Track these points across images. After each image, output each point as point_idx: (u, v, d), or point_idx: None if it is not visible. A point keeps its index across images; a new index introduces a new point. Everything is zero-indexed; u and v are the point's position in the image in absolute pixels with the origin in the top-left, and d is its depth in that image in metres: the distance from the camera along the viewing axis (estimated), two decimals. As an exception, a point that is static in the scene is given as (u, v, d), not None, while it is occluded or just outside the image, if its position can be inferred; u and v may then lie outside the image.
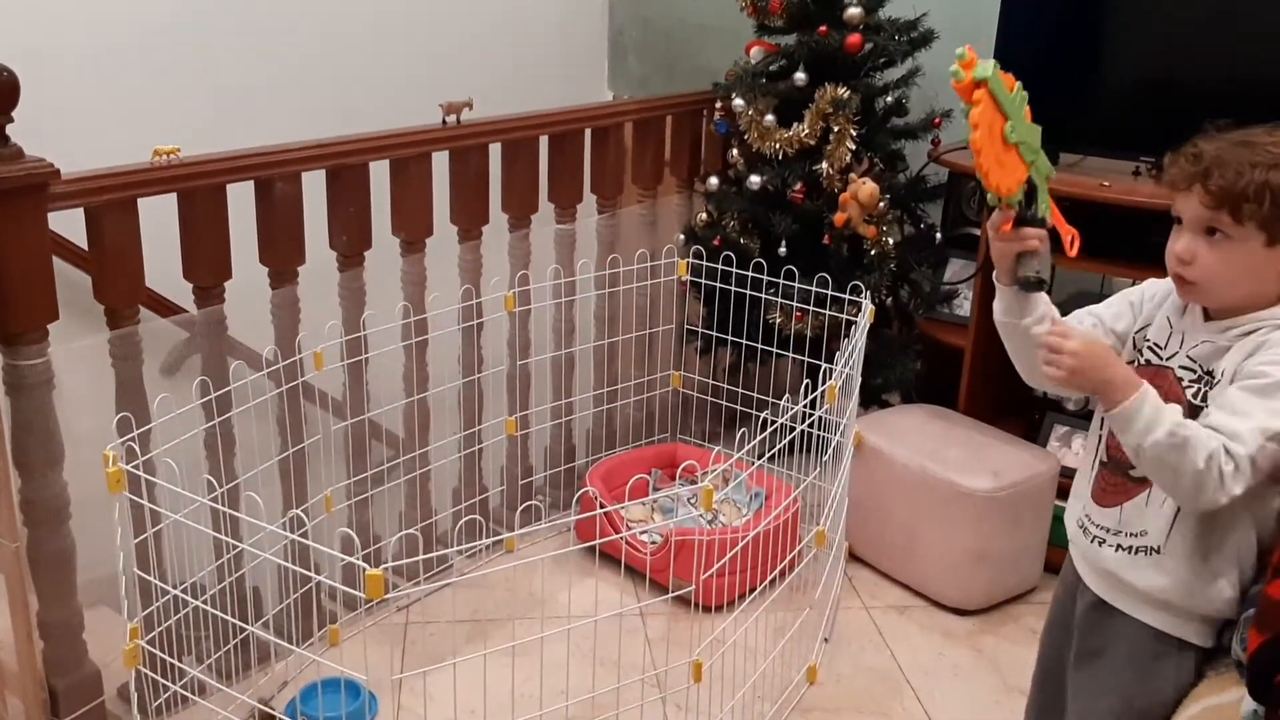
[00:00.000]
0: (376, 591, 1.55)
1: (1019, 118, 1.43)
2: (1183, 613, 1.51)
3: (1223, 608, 1.49)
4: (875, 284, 2.88)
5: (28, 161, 1.89)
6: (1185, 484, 1.38)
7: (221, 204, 2.20)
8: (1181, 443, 1.36)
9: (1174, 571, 1.49)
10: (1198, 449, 1.35)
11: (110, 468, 1.74)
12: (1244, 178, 1.37)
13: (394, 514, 2.74)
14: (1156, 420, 1.37)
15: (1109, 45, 2.76)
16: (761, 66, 3.01)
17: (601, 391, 3.12)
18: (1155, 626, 1.53)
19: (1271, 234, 1.39)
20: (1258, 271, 1.41)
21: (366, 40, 3.37)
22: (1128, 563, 1.53)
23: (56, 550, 2.09)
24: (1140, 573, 1.52)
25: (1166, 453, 1.37)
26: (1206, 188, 1.40)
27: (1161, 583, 1.50)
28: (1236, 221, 1.39)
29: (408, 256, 2.60)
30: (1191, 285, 1.45)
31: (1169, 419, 1.38)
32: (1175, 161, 1.45)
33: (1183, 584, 1.49)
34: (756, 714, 2.25)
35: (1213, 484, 1.36)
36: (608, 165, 3.02)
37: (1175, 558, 1.48)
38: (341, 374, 2.49)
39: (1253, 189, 1.37)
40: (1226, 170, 1.39)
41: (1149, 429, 1.37)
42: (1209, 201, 1.40)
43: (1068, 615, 1.67)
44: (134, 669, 1.87)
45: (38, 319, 1.96)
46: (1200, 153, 1.42)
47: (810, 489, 2.38)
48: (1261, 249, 1.40)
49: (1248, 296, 1.44)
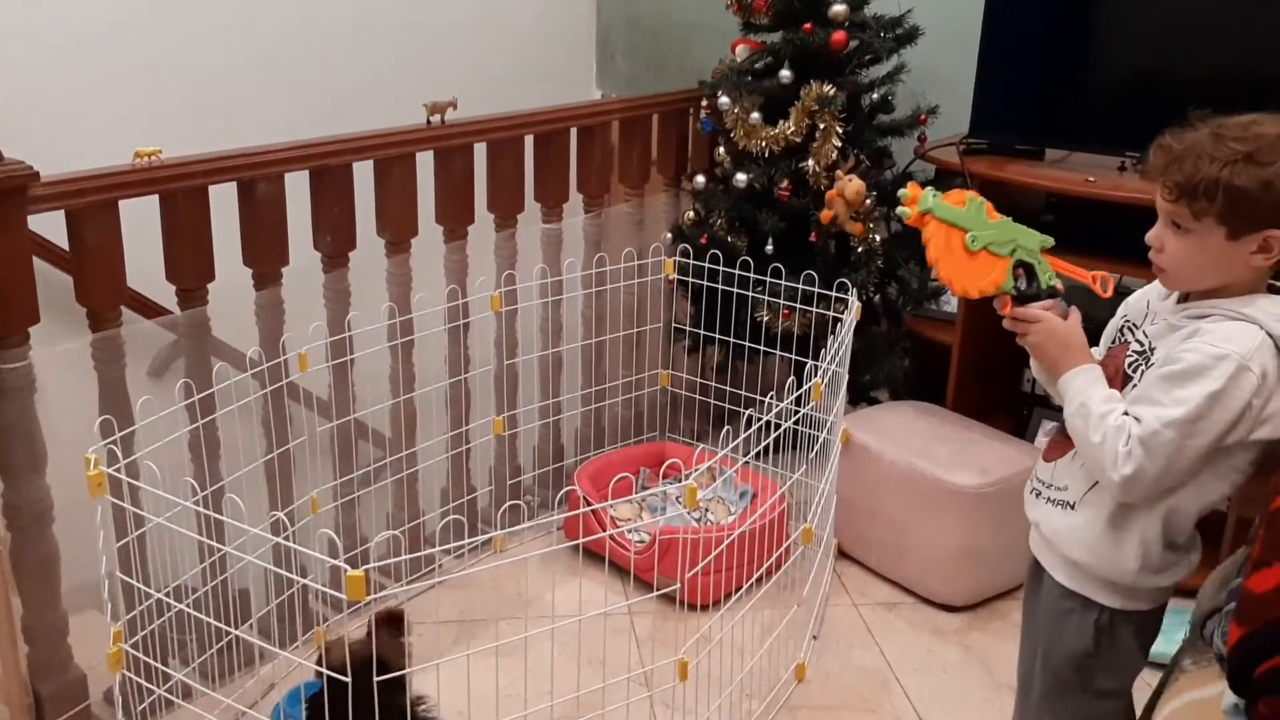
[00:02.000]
0: (358, 593, 1.54)
1: (978, 224, 1.57)
2: (1087, 571, 1.57)
3: (1124, 576, 1.54)
4: (862, 281, 2.88)
5: (7, 164, 1.88)
6: (1090, 455, 1.47)
7: (204, 205, 2.20)
8: (1085, 414, 1.46)
9: (1082, 529, 1.56)
10: (1097, 425, 1.45)
11: (92, 470, 1.73)
12: (1199, 174, 1.38)
13: (381, 515, 2.73)
14: (1077, 394, 1.48)
15: (1093, 40, 2.76)
16: (747, 64, 3.01)
17: (589, 391, 3.12)
18: (1063, 583, 1.60)
19: (1231, 228, 1.40)
20: (1223, 263, 1.43)
21: (350, 40, 3.36)
22: (1052, 515, 1.61)
23: (40, 555, 2.08)
24: (1056, 525, 1.60)
25: (1076, 423, 1.48)
26: (1165, 182, 1.42)
27: (1069, 538, 1.57)
28: (1194, 216, 1.41)
29: (393, 257, 2.60)
30: (1163, 272, 1.49)
31: (1085, 393, 1.47)
32: (1150, 152, 1.46)
33: (1088, 544, 1.55)
34: (745, 712, 2.25)
35: (1108, 460, 1.43)
36: (594, 164, 3.02)
37: (1086, 516, 1.55)
38: (327, 375, 2.48)
39: (1204, 186, 1.38)
40: (1185, 165, 1.40)
41: (1071, 398, 1.49)
42: (1167, 196, 1.42)
43: None
44: (118, 673, 1.86)
45: (19, 322, 1.96)
46: (1169, 145, 1.43)
47: (798, 486, 2.38)
48: (1224, 242, 1.41)
49: (1217, 284, 1.45)
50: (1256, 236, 1.39)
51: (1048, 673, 1.65)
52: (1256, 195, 1.36)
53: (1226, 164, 1.36)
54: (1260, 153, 1.36)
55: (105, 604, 1.83)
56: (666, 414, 3.22)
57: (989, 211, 1.60)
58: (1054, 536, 1.60)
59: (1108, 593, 1.56)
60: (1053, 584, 1.62)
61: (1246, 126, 1.39)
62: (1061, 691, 1.64)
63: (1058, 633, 1.62)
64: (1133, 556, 1.52)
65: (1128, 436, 1.41)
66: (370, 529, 2.68)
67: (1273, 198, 1.36)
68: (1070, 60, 2.78)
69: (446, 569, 2.76)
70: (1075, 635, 1.59)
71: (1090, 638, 1.58)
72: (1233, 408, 1.39)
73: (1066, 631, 1.60)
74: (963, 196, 1.59)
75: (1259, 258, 1.40)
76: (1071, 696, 1.63)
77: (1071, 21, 2.74)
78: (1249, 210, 1.37)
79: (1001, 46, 2.79)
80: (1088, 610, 1.58)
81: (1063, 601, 1.60)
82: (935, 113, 2.97)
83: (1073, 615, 1.59)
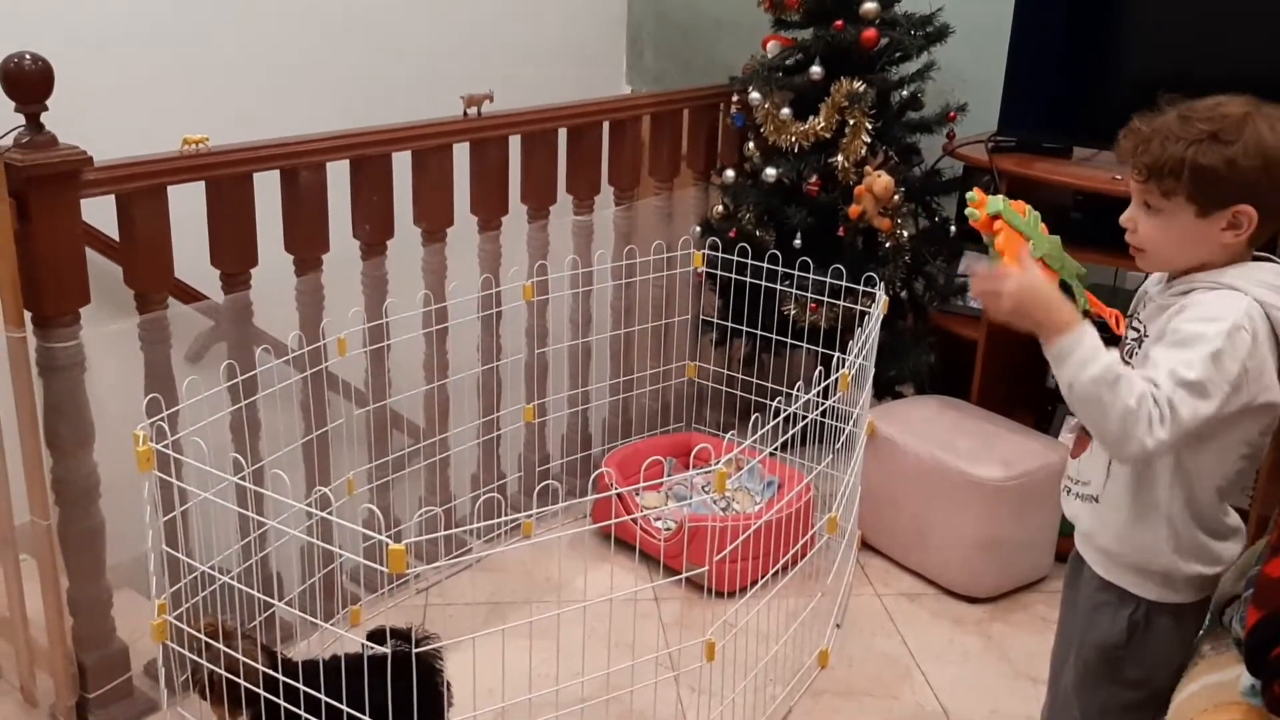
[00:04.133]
0: (399, 565, 1.59)
1: (1037, 235, 1.57)
2: (1121, 560, 1.58)
3: (1158, 560, 1.54)
4: (889, 276, 2.91)
5: (61, 149, 1.94)
6: (1113, 425, 1.38)
7: (248, 192, 2.25)
8: (1114, 379, 1.37)
9: (1109, 520, 1.57)
10: (1131, 387, 1.37)
11: (140, 447, 1.78)
12: (1166, 153, 1.42)
13: (414, 499, 2.78)
14: (1093, 357, 1.38)
15: (1122, 39, 2.78)
16: (778, 60, 3.04)
17: (618, 381, 3.16)
18: (1101, 575, 1.61)
19: (1200, 206, 1.43)
20: (1195, 241, 1.46)
21: (390, 34, 3.41)
22: (1082, 510, 1.62)
23: (86, 529, 2.14)
24: (1087, 520, 1.61)
25: (1099, 389, 1.38)
26: (1135, 164, 1.46)
27: (1100, 530, 1.59)
28: (1164, 195, 1.44)
29: (428, 246, 2.65)
30: (1139, 252, 1.52)
31: (1107, 357, 1.40)
32: (1121, 136, 1.50)
33: (1116, 531, 1.56)
34: (768, 696, 2.29)
35: (1142, 426, 1.36)
36: (625, 158, 3.06)
37: (1111, 507, 1.56)
38: (363, 360, 2.54)
39: (1171, 165, 1.42)
40: (1153, 146, 1.43)
41: (1084, 364, 1.38)
42: (1137, 177, 1.46)
43: None
44: (161, 644, 1.91)
45: (70, 302, 2.02)
46: (1138, 129, 1.47)
47: (823, 478, 2.41)
48: (1194, 220, 1.44)
49: (1193, 263, 1.48)
50: (1225, 213, 1.42)
51: (1080, 663, 1.66)
52: (1221, 173, 1.40)
53: (1192, 143, 1.40)
54: (1224, 132, 1.40)
55: (150, 577, 1.88)
56: (693, 405, 3.26)
57: (1043, 227, 1.61)
58: (1088, 532, 1.62)
59: (1144, 582, 1.56)
60: (1091, 575, 1.63)
61: (1212, 108, 1.43)
62: (1091, 681, 1.66)
63: (1093, 624, 1.63)
64: (1163, 538, 1.52)
65: (1155, 401, 1.37)
66: (403, 513, 2.74)
67: (1237, 175, 1.40)
68: (1099, 59, 2.80)
69: (477, 552, 2.81)
70: (1108, 627, 1.60)
71: (1123, 631, 1.59)
72: (1232, 369, 1.39)
73: (1101, 623, 1.61)
74: (1024, 207, 1.60)
75: (1229, 234, 1.43)
76: (1101, 686, 1.64)
77: (1100, 20, 2.76)
78: (1215, 188, 1.41)
79: (1031, 45, 2.81)
80: (1124, 604, 1.58)
81: (1100, 594, 1.61)
82: (964, 110, 2.99)
83: (1108, 608, 1.60)
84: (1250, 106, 1.43)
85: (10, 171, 1.89)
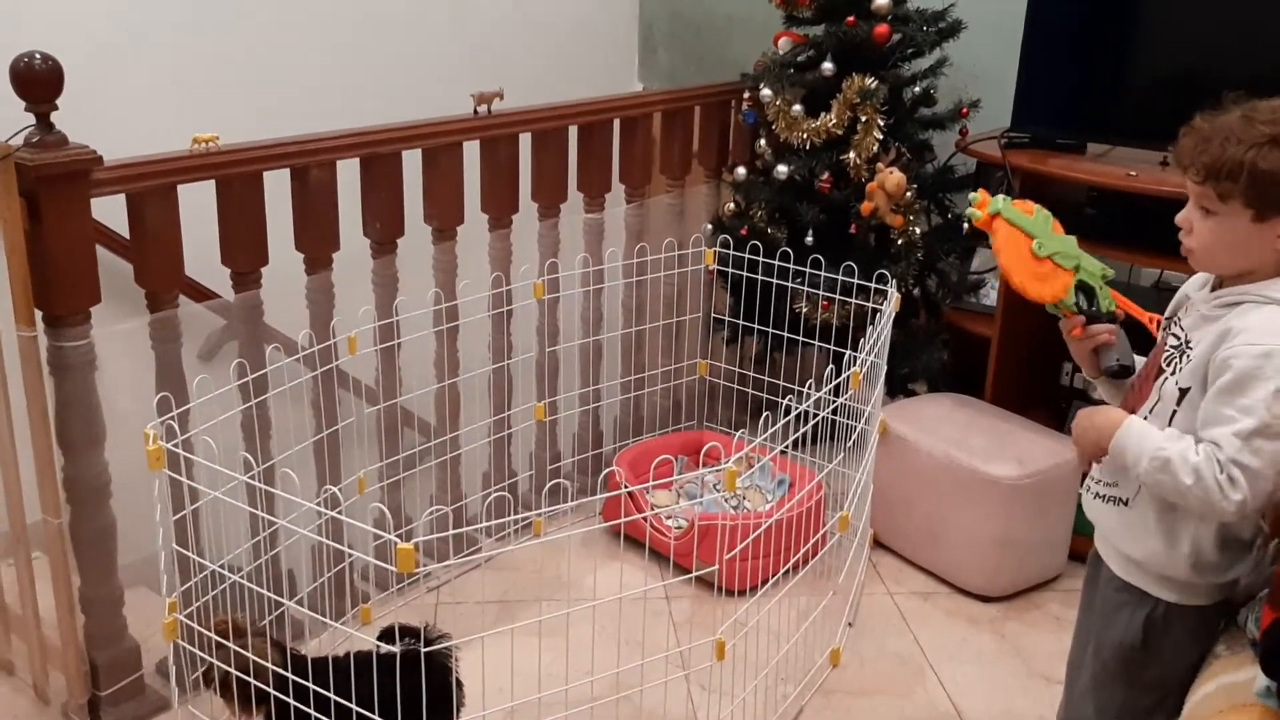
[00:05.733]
0: (408, 565, 1.59)
1: (1044, 234, 1.59)
2: (1141, 566, 1.56)
3: (1178, 573, 1.52)
4: (902, 273, 2.90)
5: (72, 149, 1.95)
6: (1191, 501, 1.41)
7: (258, 191, 2.25)
8: (1163, 464, 1.41)
9: (1135, 527, 1.54)
10: (1181, 468, 1.39)
11: (151, 445, 1.79)
12: (1225, 154, 1.39)
13: (425, 498, 2.78)
14: (1140, 451, 1.43)
15: (1136, 35, 2.76)
16: (789, 57, 3.03)
17: (629, 379, 3.16)
18: (1120, 575, 1.59)
19: (1258, 211, 1.39)
20: (1249, 245, 1.42)
21: (400, 31, 3.41)
22: (1104, 510, 1.60)
23: (98, 527, 2.14)
24: (1111, 524, 1.59)
25: (1158, 477, 1.42)
26: (1194, 165, 1.42)
27: (1124, 534, 1.57)
28: (1220, 198, 1.41)
29: (439, 244, 2.64)
30: (1191, 253, 1.49)
31: (1151, 446, 1.42)
32: (1181, 134, 1.47)
33: (1141, 541, 1.54)
34: (779, 695, 2.28)
35: (1215, 495, 1.37)
36: (636, 155, 3.05)
37: (1140, 514, 1.54)
38: (374, 359, 2.54)
39: (1230, 168, 1.38)
40: (1212, 147, 1.40)
41: (1136, 462, 1.44)
42: (1195, 177, 1.43)
43: None
44: (172, 642, 1.91)
45: (81, 301, 2.02)
46: (1199, 128, 1.43)
47: (835, 476, 2.40)
48: (1249, 224, 1.41)
49: (1245, 268, 1.45)
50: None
51: (1097, 662, 1.65)
52: None
53: (1253, 146, 1.37)
54: None
55: (161, 576, 1.89)
56: (705, 403, 3.25)
57: (1055, 226, 1.62)
58: (1109, 533, 1.60)
59: (1163, 587, 1.55)
60: (1110, 575, 1.62)
61: (1276, 109, 1.39)
62: (1108, 682, 1.64)
63: (1110, 624, 1.61)
64: (1184, 555, 1.50)
65: (1218, 464, 1.37)
66: (414, 511, 2.74)
67: None
68: (1113, 55, 2.78)
69: (488, 550, 2.81)
70: (1125, 627, 1.58)
71: (1140, 631, 1.57)
72: None
73: (1118, 623, 1.60)
74: (1031, 206, 1.61)
75: None
76: (1118, 687, 1.62)
77: (1114, 16, 2.74)
78: (1274, 193, 1.38)
79: (1044, 40, 2.79)
80: (1142, 604, 1.57)
81: (1118, 594, 1.60)
82: (977, 106, 2.98)
83: (1126, 608, 1.58)
84: None
85: (21, 171, 1.90)
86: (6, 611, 2.30)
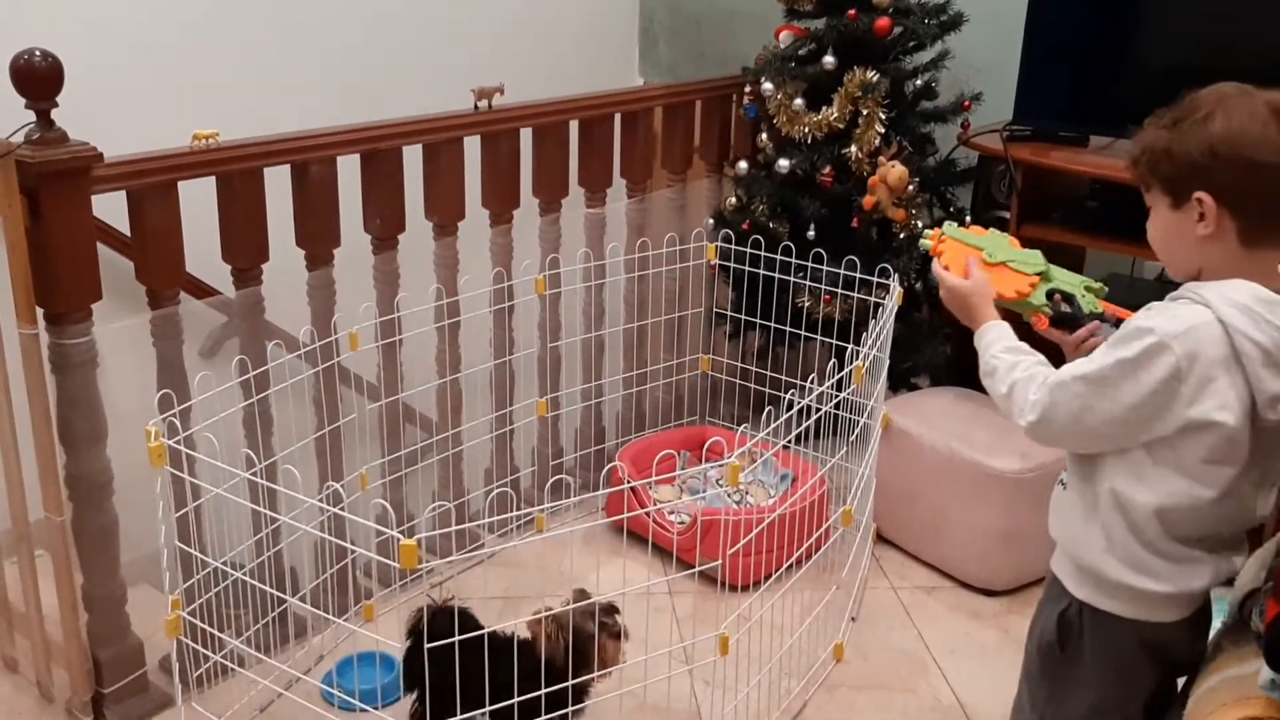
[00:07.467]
0: (410, 561, 1.59)
1: (996, 245, 1.67)
2: (1062, 548, 1.56)
3: (1088, 557, 1.48)
4: (904, 267, 2.89)
5: (72, 145, 1.94)
6: (1003, 407, 1.50)
7: (259, 187, 2.25)
8: (990, 370, 1.51)
9: (1062, 503, 1.55)
10: (1004, 377, 1.48)
11: (152, 442, 1.79)
12: (1140, 142, 1.40)
13: (427, 494, 2.78)
14: (983, 350, 1.54)
15: (1138, 27, 2.75)
16: (791, 51, 3.02)
17: (631, 374, 3.15)
18: (1052, 565, 1.59)
19: (1173, 197, 1.39)
20: (1179, 237, 1.40)
21: (400, 26, 3.41)
22: (1056, 494, 1.59)
23: (100, 525, 2.15)
24: (1054, 505, 1.58)
25: (986, 378, 1.53)
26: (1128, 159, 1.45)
27: (1055, 517, 1.57)
28: (1145, 188, 1.42)
29: (440, 240, 2.64)
30: None
31: (992, 347, 1.52)
32: None
33: (1062, 515, 1.55)
34: (783, 690, 2.28)
35: (1016, 407, 1.46)
36: (637, 150, 3.05)
37: (1072, 494, 1.53)
38: (376, 355, 2.54)
39: (1144, 155, 1.39)
40: (1143, 137, 1.41)
41: (981, 354, 1.54)
42: (1129, 169, 1.45)
43: None
44: (175, 639, 1.92)
45: (82, 298, 2.02)
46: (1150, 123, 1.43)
47: (838, 470, 2.40)
48: (1170, 212, 1.40)
49: (1191, 265, 1.42)
50: (1193, 203, 1.36)
51: (1028, 650, 1.65)
52: (1173, 154, 1.36)
53: (1160, 129, 1.38)
54: (1184, 117, 1.36)
55: (163, 573, 1.89)
56: (707, 398, 3.25)
57: (1013, 243, 1.68)
58: (1051, 517, 1.59)
59: (1076, 579, 1.51)
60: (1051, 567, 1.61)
61: (1195, 95, 1.38)
62: (1034, 673, 1.62)
63: (1038, 614, 1.61)
64: (1097, 537, 1.46)
65: (1038, 385, 1.43)
66: (416, 507, 2.73)
67: (1183, 157, 1.35)
68: (1114, 47, 2.77)
69: (491, 546, 2.80)
70: (1044, 621, 1.57)
71: (1054, 628, 1.54)
72: (1144, 381, 1.34)
73: (1041, 616, 1.59)
74: (983, 230, 1.70)
75: (1201, 227, 1.36)
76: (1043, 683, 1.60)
77: (1116, 8, 2.73)
78: (1175, 171, 1.37)
79: (1046, 33, 2.78)
80: (1060, 599, 1.54)
81: (1050, 585, 1.59)
82: (979, 99, 2.97)
83: (1050, 602, 1.56)
84: (1236, 91, 1.37)
85: (21, 168, 1.90)
86: (10, 609, 2.30)
